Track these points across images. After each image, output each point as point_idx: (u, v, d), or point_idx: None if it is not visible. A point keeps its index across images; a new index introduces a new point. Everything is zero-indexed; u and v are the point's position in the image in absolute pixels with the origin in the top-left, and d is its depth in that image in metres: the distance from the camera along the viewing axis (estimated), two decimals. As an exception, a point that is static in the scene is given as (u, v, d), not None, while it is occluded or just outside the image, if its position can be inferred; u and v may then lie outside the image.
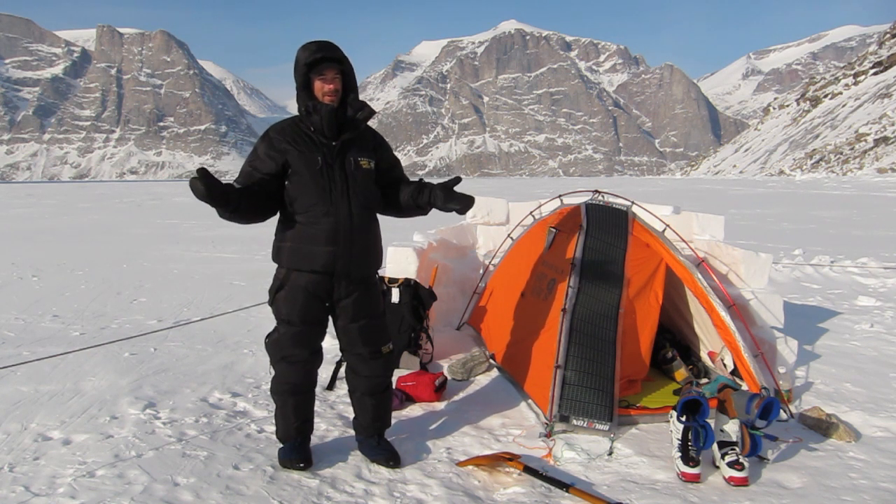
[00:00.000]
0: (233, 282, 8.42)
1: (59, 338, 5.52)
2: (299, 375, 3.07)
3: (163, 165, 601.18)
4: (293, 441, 3.14)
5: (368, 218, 3.02)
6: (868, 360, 4.96)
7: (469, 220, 6.43)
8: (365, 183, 2.99)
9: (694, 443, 3.05)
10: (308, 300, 2.96)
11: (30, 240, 13.91)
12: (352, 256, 2.95)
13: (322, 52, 2.86)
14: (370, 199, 3.03)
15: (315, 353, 3.11)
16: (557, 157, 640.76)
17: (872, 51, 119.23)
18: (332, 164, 2.92)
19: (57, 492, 2.84)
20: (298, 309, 2.97)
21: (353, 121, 2.98)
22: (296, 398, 3.11)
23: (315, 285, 2.95)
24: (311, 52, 2.86)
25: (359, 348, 3.11)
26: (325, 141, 2.93)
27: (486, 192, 8.16)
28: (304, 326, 2.99)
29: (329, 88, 2.89)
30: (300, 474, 3.04)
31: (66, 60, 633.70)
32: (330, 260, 2.91)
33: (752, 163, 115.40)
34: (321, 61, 2.87)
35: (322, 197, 2.88)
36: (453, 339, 5.22)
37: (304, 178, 2.89)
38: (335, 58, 2.89)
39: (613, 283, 3.80)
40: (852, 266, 9.47)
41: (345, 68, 2.93)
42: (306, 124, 2.96)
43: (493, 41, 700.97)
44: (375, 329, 3.13)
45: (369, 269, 3.09)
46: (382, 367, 3.17)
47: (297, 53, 2.90)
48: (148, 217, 21.85)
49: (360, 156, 2.99)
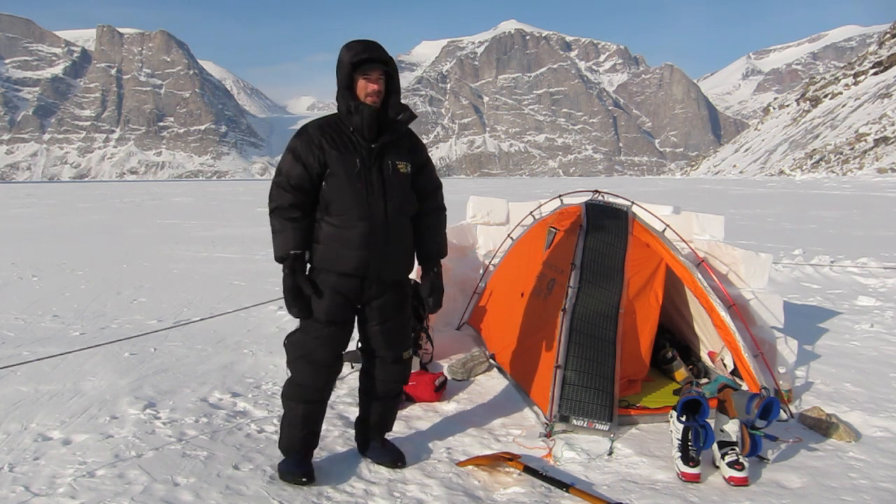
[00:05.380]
0: (233, 282, 8.42)
1: (59, 338, 5.51)
2: (316, 379, 2.97)
3: (163, 165, 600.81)
4: (296, 454, 3.03)
5: (403, 222, 2.98)
6: (868, 360, 4.97)
7: (469, 220, 6.43)
8: (401, 187, 2.95)
9: (694, 443, 3.05)
10: (335, 299, 2.91)
11: (30, 240, 13.91)
12: (385, 260, 2.91)
13: (368, 53, 2.82)
14: (406, 203, 2.98)
15: (336, 359, 3.02)
16: (557, 157, 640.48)
17: (872, 51, 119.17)
18: (370, 167, 2.87)
19: (57, 492, 2.84)
20: (325, 308, 2.90)
21: (394, 123, 2.93)
22: (306, 406, 2.99)
23: (345, 287, 2.91)
24: (356, 52, 2.81)
25: (381, 351, 3.08)
26: (363, 143, 2.89)
27: (486, 192, 8.14)
28: (330, 327, 2.93)
29: (373, 89, 2.85)
30: (300, 474, 3.03)
31: (66, 60, 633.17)
32: (362, 263, 2.87)
33: (752, 163, 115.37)
34: (367, 61, 2.83)
35: (358, 201, 2.84)
36: (453, 339, 5.22)
37: (341, 180, 2.84)
38: (381, 59, 2.85)
39: (613, 283, 3.80)
40: (852, 266, 9.47)
41: (389, 69, 2.89)
42: (346, 124, 2.91)
43: (493, 41, 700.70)
44: (400, 333, 3.10)
45: (402, 272, 3.06)
46: (400, 372, 3.16)
47: (341, 52, 2.85)
48: (148, 217, 21.84)
49: (398, 159, 2.94)
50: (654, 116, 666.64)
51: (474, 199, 6.50)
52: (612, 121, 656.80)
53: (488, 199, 6.44)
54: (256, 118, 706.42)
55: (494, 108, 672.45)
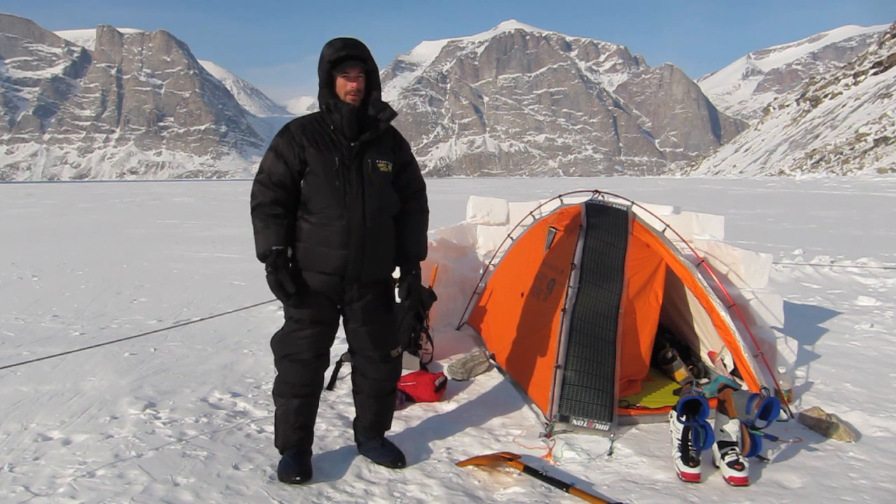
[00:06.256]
0: (233, 282, 8.41)
1: (59, 338, 5.51)
2: (302, 376, 3.00)
3: (163, 165, 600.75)
4: (291, 451, 3.04)
5: (383, 221, 2.96)
6: (868, 360, 4.97)
7: (469, 220, 6.43)
8: (381, 186, 2.94)
9: (694, 443, 3.05)
10: (318, 299, 2.93)
11: (30, 240, 13.91)
12: (364, 260, 2.90)
13: (347, 50, 2.82)
14: (386, 202, 2.97)
15: (320, 357, 3.03)
16: (557, 157, 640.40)
17: (872, 51, 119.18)
18: (350, 165, 2.87)
19: (57, 492, 2.84)
20: (309, 308, 2.92)
21: (375, 121, 2.93)
22: (297, 400, 3.01)
23: (325, 286, 2.92)
24: (335, 50, 2.82)
25: (369, 351, 3.08)
26: (344, 141, 2.88)
27: (486, 192, 8.15)
28: (314, 327, 2.95)
29: (352, 87, 2.85)
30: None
31: (66, 60, 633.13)
32: (341, 262, 2.87)
33: (752, 163, 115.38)
34: (346, 59, 2.83)
35: (336, 199, 2.84)
36: (453, 339, 5.22)
37: (319, 178, 2.84)
38: (360, 56, 2.85)
39: (613, 283, 3.80)
40: (852, 266, 9.46)
41: (369, 67, 2.89)
42: (327, 122, 2.91)
43: (493, 41, 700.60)
44: (386, 332, 3.10)
45: (382, 273, 3.05)
46: (391, 370, 3.16)
47: (322, 49, 2.86)
48: (148, 217, 21.84)
49: (379, 158, 2.93)
50: (654, 116, 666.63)
51: (474, 199, 6.50)
52: (612, 121, 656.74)
53: (488, 199, 6.45)
54: (256, 118, 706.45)
55: (494, 108, 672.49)
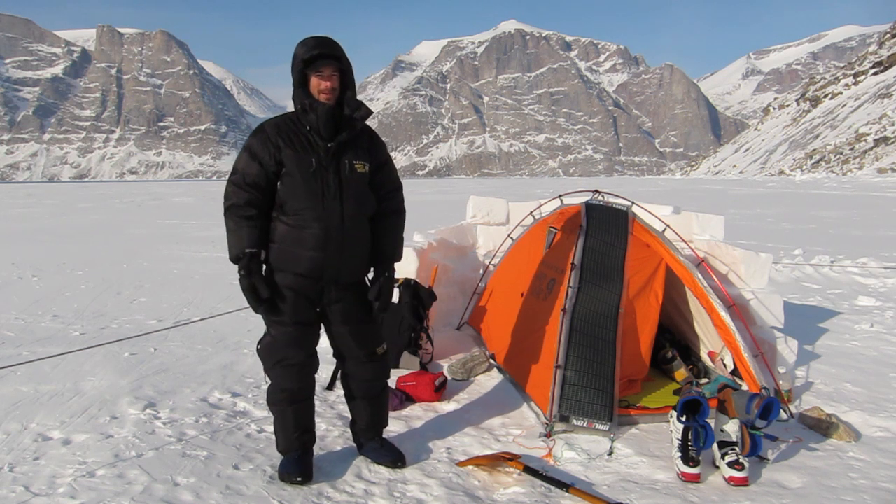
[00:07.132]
0: (233, 282, 8.36)
1: (59, 338, 5.51)
2: (296, 380, 2.95)
3: (163, 165, 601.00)
4: (294, 453, 3.02)
5: (361, 224, 2.94)
6: (868, 360, 4.96)
7: (469, 220, 6.43)
8: (359, 187, 2.91)
9: (694, 443, 3.05)
10: (297, 300, 2.89)
11: (30, 240, 13.91)
12: (341, 263, 2.87)
13: (320, 49, 2.77)
14: (363, 204, 2.94)
15: (311, 357, 3.01)
16: (557, 157, 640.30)
17: (872, 51, 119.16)
18: (327, 167, 2.83)
19: (57, 492, 2.84)
20: (289, 309, 2.88)
21: (351, 120, 2.88)
22: (294, 407, 2.98)
23: (300, 286, 2.88)
24: (308, 49, 2.77)
25: (353, 351, 3.06)
26: (320, 142, 2.84)
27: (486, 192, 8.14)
28: (296, 327, 2.91)
29: (326, 86, 2.80)
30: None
31: (66, 60, 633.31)
32: (316, 265, 2.83)
33: (752, 163, 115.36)
34: (319, 58, 2.78)
35: (313, 201, 2.80)
36: (453, 339, 5.22)
37: (296, 180, 2.79)
38: (333, 55, 2.80)
39: (613, 283, 3.80)
40: (852, 266, 9.46)
41: (343, 66, 2.84)
42: (302, 123, 2.87)
43: (493, 41, 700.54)
44: (368, 332, 3.07)
45: (359, 274, 3.03)
46: (378, 369, 3.14)
47: (295, 49, 2.81)
48: (148, 217, 21.84)
49: (356, 158, 2.89)
50: (654, 116, 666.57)
51: (474, 199, 6.50)
52: (612, 121, 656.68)
53: (488, 199, 6.45)
54: (256, 118, 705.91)
55: (494, 108, 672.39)
